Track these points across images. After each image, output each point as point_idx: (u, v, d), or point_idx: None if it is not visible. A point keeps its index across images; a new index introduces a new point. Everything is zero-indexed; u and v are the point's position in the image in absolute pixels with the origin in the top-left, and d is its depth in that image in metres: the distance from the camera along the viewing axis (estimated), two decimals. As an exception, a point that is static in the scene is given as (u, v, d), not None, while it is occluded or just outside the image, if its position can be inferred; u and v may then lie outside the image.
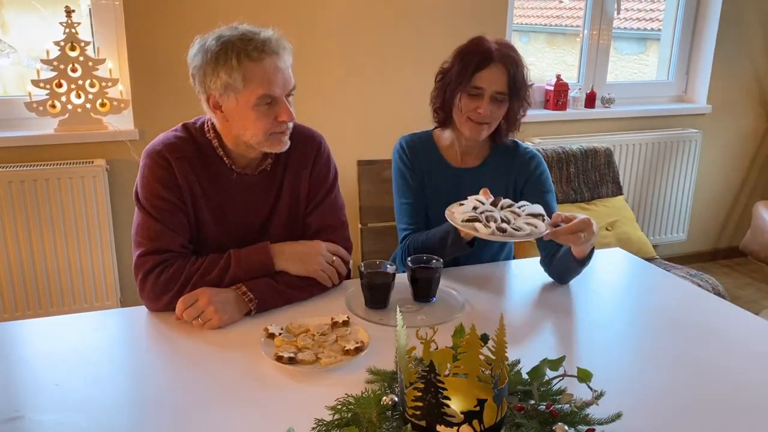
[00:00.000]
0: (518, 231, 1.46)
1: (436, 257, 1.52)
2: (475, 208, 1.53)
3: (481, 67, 1.68)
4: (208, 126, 1.54)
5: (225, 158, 1.53)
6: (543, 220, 1.51)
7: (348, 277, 1.63)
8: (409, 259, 1.52)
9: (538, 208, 1.55)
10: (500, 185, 1.80)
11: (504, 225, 1.46)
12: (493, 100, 1.69)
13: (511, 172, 1.82)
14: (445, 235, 1.62)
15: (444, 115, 1.78)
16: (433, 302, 1.52)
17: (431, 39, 2.98)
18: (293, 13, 2.75)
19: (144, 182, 1.49)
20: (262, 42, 1.41)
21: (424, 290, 1.51)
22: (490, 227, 1.45)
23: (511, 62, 1.68)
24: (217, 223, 1.55)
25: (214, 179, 1.53)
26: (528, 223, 1.49)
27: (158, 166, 1.48)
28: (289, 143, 1.51)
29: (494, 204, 1.56)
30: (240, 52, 1.39)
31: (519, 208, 1.56)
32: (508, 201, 1.58)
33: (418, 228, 1.79)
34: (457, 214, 1.53)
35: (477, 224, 1.47)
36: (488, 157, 1.83)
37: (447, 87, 1.74)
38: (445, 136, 1.84)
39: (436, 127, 1.86)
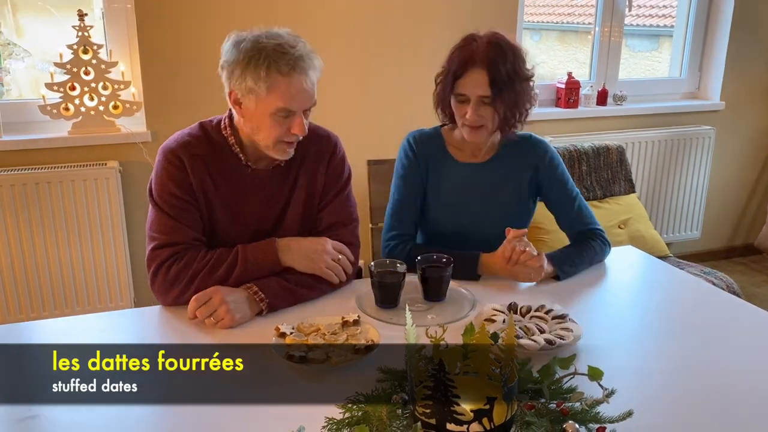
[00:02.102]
0: (562, 339, 1.32)
1: (446, 256, 1.52)
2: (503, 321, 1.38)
3: (460, 75, 1.65)
4: (224, 123, 1.56)
5: (241, 154, 1.55)
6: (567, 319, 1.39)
7: (357, 276, 1.63)
8: (419, 258, 1.52)
9: (561, 309, 1.42)
10: (513, 179, 1.79)
11: (550, 336, 1.31)
12: (480, 104, 1.66)
13: (525, 168, 1.79)
14: (459, 257, 1.58)
15: (447, 114, 1.78)
16: (443, 301, 1.52)
17: (441, 37, 2.95)
18: (303, 13, 2.76)
19: (157, 179, 1.51)
20: (296, 59, 1.42)
21: (434, 289, 1.52)
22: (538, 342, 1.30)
23: (491, 64, 1.62)
24: (232, 219, 1.56)
25: (229, 175, 1.54)
26: (563, 328, 1.35)
27: (171, 165, 1.50)
28: (292, 153, 1.53)
29: (513, 310, 1.43)
30: (271, 64, 1.40)
31: (546, 313, 1.42)
32: (526, 306, 1.43)
33: (404, 232, 1.75)
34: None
35: (523, 341, 1.29)
36: (499, 151, 1.81)
37: (443, 90, 1.73)
38: (455, 133, 1.83)
39: (444, 125, 1.85)
